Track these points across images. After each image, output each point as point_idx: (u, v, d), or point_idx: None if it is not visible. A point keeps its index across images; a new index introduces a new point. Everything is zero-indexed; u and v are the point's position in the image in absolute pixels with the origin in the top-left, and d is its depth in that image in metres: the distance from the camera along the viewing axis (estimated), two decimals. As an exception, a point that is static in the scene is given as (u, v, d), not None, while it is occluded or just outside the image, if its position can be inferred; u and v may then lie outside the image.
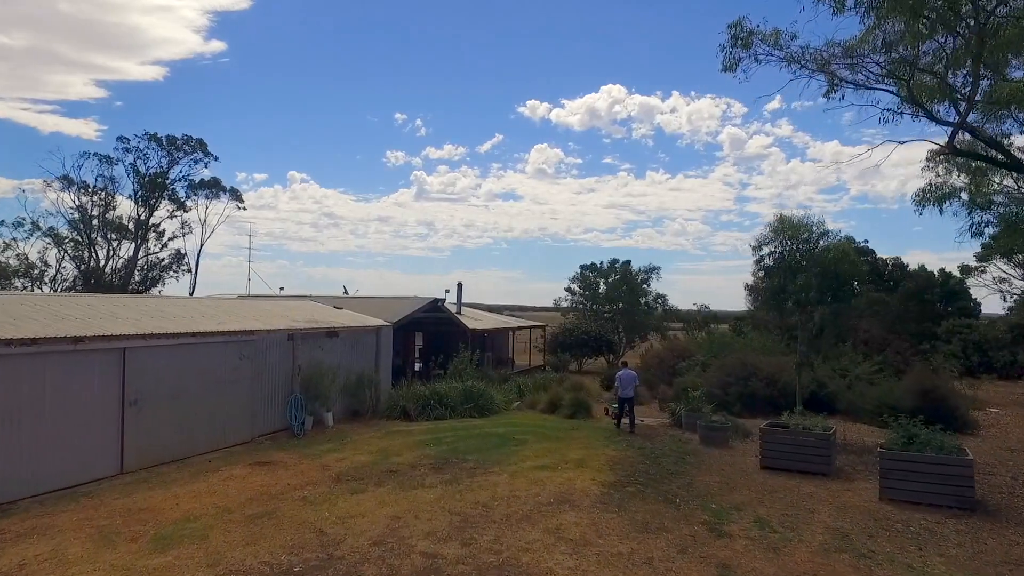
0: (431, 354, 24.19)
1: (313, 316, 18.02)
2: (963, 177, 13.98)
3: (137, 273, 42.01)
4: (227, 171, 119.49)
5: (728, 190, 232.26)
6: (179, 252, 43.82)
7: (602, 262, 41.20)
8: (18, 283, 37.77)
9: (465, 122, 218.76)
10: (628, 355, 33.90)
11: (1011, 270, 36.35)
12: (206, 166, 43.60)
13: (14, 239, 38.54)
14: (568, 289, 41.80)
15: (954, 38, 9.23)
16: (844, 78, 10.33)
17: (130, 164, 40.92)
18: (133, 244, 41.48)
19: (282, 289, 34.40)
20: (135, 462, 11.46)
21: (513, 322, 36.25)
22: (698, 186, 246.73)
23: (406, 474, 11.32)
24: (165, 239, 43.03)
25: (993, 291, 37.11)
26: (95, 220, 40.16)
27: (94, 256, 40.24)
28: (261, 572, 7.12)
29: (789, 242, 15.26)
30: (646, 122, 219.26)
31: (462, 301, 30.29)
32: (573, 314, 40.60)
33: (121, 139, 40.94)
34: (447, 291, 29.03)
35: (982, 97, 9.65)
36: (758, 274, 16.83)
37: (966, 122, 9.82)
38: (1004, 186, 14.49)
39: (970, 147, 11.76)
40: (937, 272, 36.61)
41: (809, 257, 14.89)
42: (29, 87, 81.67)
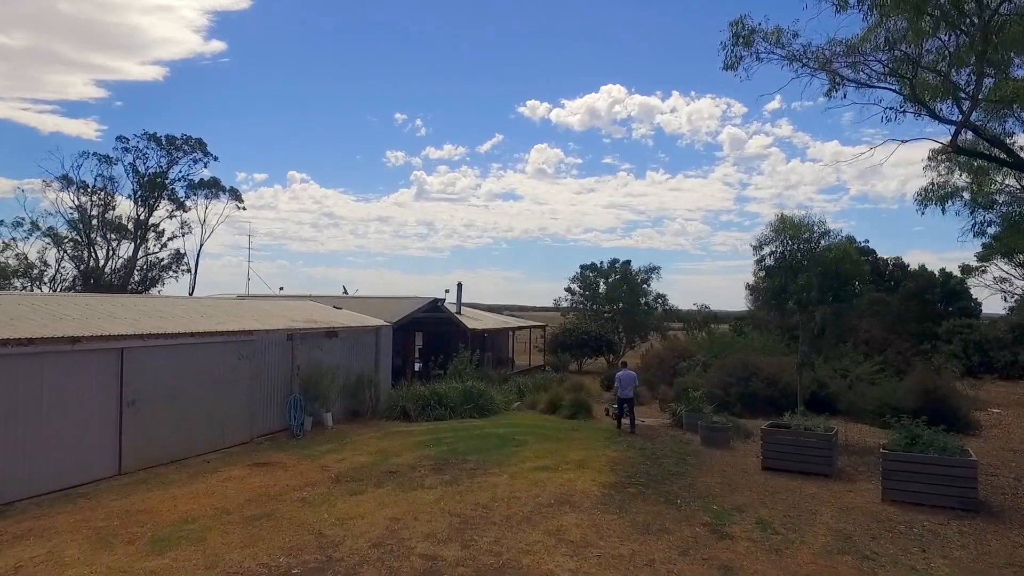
0: (431, 354, 24.13)
1: (312, 316, 17.96)
2: (965, 176, 13.94)
3: (136, 273, 41.98)
4: (227, 171, 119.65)
5: (728, 190, 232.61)
6: (178, 252, 43.89)
7: (602, 262, 41.22)
8: (17, 283, 37.70)
9: (465, 122, 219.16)
10: (628, 355, 33.84)
11: (1012, 270, 36.34)
12: (205, 166, 43.68)
13: (13, 239, 38.58)
14: (568, 289, 41.80)
15: (957, 35, 9.19)
16: (846, 77, 10.29)
17: (129, 164, 40.98)
18: (132, 244, 41.49)
19: (281, 289, 34.37)
20: (133, 463, 11.40)
21: (513, 322, 36.19)
22: (698, 186, 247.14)
23: (406, 475, 11.27)
24: (164, 239, 43.12)
25: (994, 291, 37.10)
26: (94, 220, 40.14)
27: (93, 256, 40.23)
28: (259, 574, 7.06)
29: (790, 242, 15.19)
30: (646, 122, 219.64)
31: (462, 301, 30.24)
32: (573, 314, 40.54)
33: (120, 139, 41.00)
34: (447, 291, 29.04)
35: (985, 95, 9.60)
36: (759, 274, 16.78)
37: (969, 121, 9.78)
38: (1006, 185, 14.45)
39: (972, 146, 11.71)
40: (938, 272, 36.60)
41: (810, 257, 14.82)
42: (29, 87, 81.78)
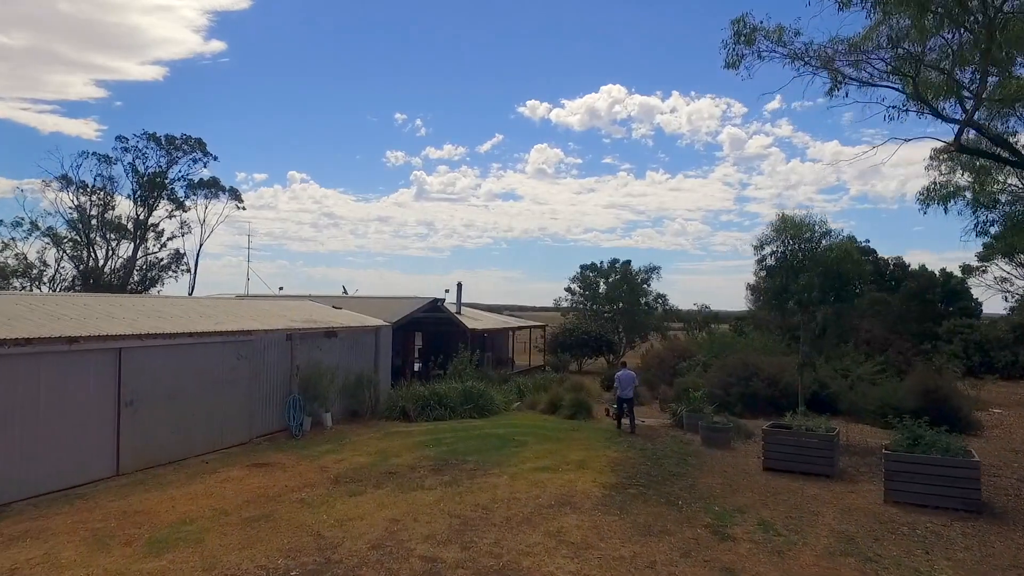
0: (431, 354, 24.07)
1: (312, 316, 17.90)
2: (967, 176, 13.87)
3: (136, 273, 41.90)
4: (227, 171, 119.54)
5: (728, 190, 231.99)
6: (178, 252, 43.77)
7: (602, 262, 41.13)
8: (17, 283, 37.62)
9: (465, 122, 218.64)
10: (628, 355, 33.77)
11: (1012, 270, 36.30)
12: (205, 166, 43.58)
13: (13, 239, 38.46)
14: (568, 289, 41.72)
15: (961, 33, 9.13)
16: (848, 75, 10.22)
17: (129, 164, 40.87)
18: (132, 244, 41.39)
19: (281, 289, 34.32)
20: (131, 463, 11.34)
21: (513, 322, 36.12)
22: (698, 186, 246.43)
23: (405, 476, 11.21)
24: (164, 239, 42.99)
25: (995, 292, 37.06)
26: (94, 220, 40.04)
27: (93, 256, 40.14)
28: (257, 576, 7.00)
29: (791, 241, 15.14)
30: (646, 122, 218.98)
31: (462, 301, 30.18)
32: (573, 314, 40.47)
33: (120, 139, 40.89)
34: (447, 291, 28.98)
35: (989, 94, 9.54)
36: (760, 274, 16.70)
37: (973, 119, 9.72)
38: (1009, 184, 14.41)
39: (975, 145, 11.66)
40: (938, 272, 36.56)
41: (811, 257, 14.77)
42: (29, 87, 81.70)
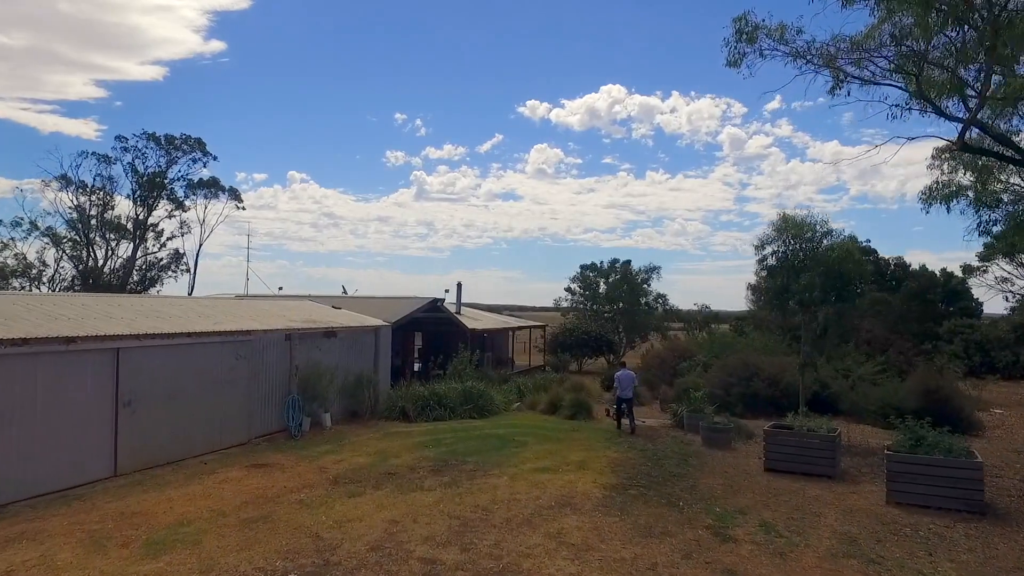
0: (430, 354, 24.01)
1: (311, 316, 17.84)
2: (969, 175, 13.81)
3: (135, 273, 41.83)
4: (227, 171, 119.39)
5: (728, 190, 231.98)
6: (178, 252, 43.71)
7: (602, 262, 41.07)
8: (16, 283, 37.55)
9: (465, 122, 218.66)
10: (628, 355, 33.74)
11: (1013, 270, 36.22)
12: (205, 166, 43.53)
13: (12, 239, 38.38)
14: (568, 289, 41.65)
15: (965, 31, 9.06)
16: (850, 74, 10.16)
17: (128, 164, 40.82)
18: (131, 244, 41.33)
19: (281, 289, 34.26)
20: (129, 464, 11.28)
21: (513, 322, 36.05)
22: (698, 186, 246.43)
23: (404, 476, 11.15)
24: (164, 239, 42.93)
25: (996, 292, 36.98)
26: (93, 220, 39.97)
27: (92, 256, 40.07)
28: (255, 579, 6.94)
29: (792, 241, 15.05)
30: (646, 122, 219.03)
31: (462, 301, 30.12)
32: (573, 314, 40.41)
33: (119, 138, 40.84)
34: (447, 291, 28.91)
35: (992, 93, 9.47)
36: (761, 274, 16.61)
37: (976, 118, 9.66)
38: (1011, 184, 14.33)
39: (978, 144, 11.59)
40: (939, 272, 36.51)
41: (813, 256, 14.69)
42: (29, 87, 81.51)
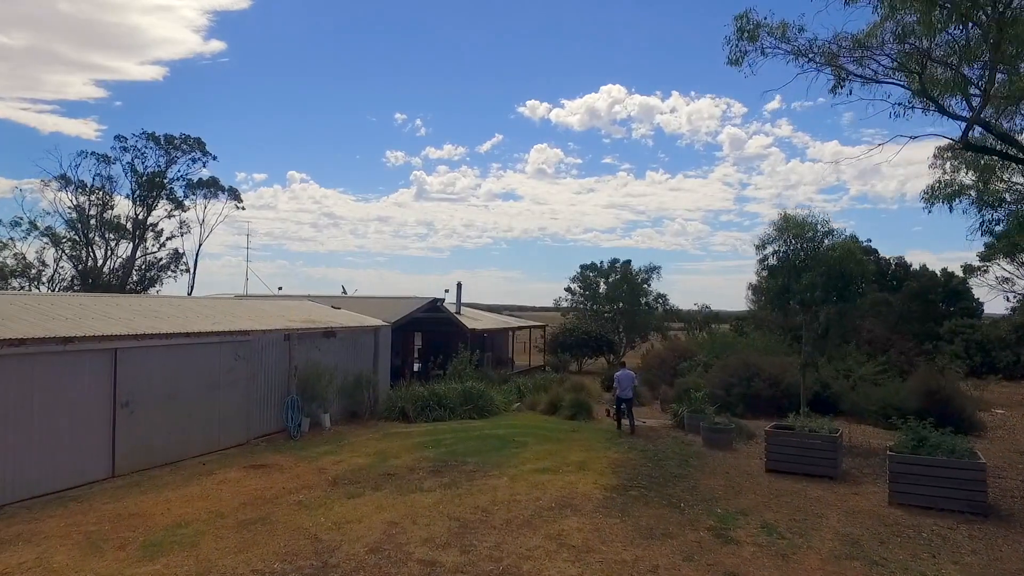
0: (430, 354, 23.96)
1: (310, 316, 17.78)
2: (971, 174, 13.74)
3: (135, 273, 41.74)
4: (227, 171, 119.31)
5: (728, 190, 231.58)
6: (177, 252, 43.60)
7: (602, 262, 40.95)
8: (15, 283, 37.46)
9: (465, 122, 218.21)
10: (629, 355, 33.68)
11: (1014, 270, 36.09)
12: (204, 165, 43.45)
13: (11, 239, 38.25)
14: (568, 289, 41.53)
15: (969, 28, 8.99)
16: (852, 72, 10.09)
17: (128, 163, 40.72)
18: (131, 244, 41.23)
19: (280, 289, 34.22)
20: (127, 465, 11.22)
21: (513, 322, 35.98)
22: (698, 186, 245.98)
23: (404, 477, 11.09)
24: (163, 239, 42.82)
25: (996, 292, 36.81)
26: (93, 220, 39.88)
27: (92, 256, 39.99)
28: (253, 581, 6.88)
29: (793, 241, 14.97)
30: (646, 122, 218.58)
31: (461, 301, 30.06)
32: (573, 314, 40.33)
33: (119, 138, 40.73)
34: (447, 291, 28.85)
35: (996, 91, 9.40)
36: (762, 273, 16.53)
37: (980, 116, 9.60)
38: (1014, 183, 14.27)
39: (980, 143, 11.53)
40: (940, 272, 36.43)
41: (814, 256, 14.62)
42: (29, 87, 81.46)
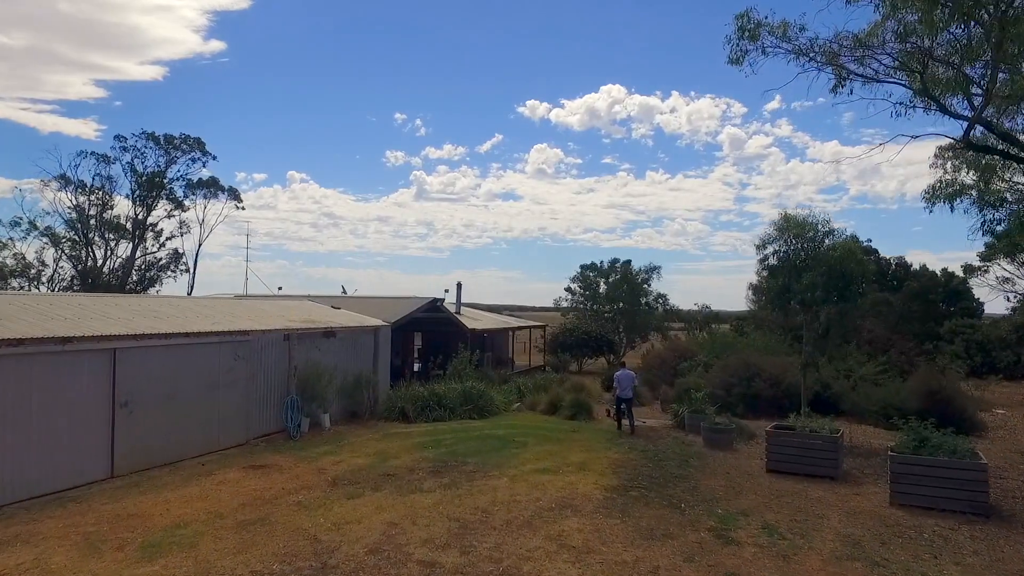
0: (430, 354, 23.93)
1: (310, 316, 17.74)
2: (972, 174, 13.71)
3: (135, 273, 41.71)
4: (227, 171, 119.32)
5: (728, 190, 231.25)
6: (177, 252, 43.56)
7: (602, 262, 40.90)
8: (15, 283, 37.42)
9: (465, 122, 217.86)
10: (629, 355, 33.65)
11: (1015, 270, 36.04)
12: (204, 165, 43.42)
13: (11, 239, 38.21)
14: (568, 289, 41.48)
15: (971, 27, 8.96)
16: (854, 71, 10.07)
17: (127, 163, 40.69)
18: (131, 244, 41.20)
19: (280, 289, 34.19)
20: (126, 465, 11.18)
21: (513, 322, 35.94)
22: (698, 186, 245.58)
23: (404, 478, 11.05)
24: (163, 239, 42.79)
25: (997, 293, 36.76)
26: (92, 220, 39.84)
27: (91, 256, 39.95)
28: (251, 582, 6.85)
29: (794, 241, 14.94)
30: (646, 122, 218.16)
31: (461, 301, 30.03)
32: (573, 314, 40.29)
33: (118, 138, 40.70)
34: (446, 291, 28.79)
35: (998, 90, 9.38)
36: (762, 273, 16.49)
37: (982, 116, 9.57)
38: (1015, 183, 14.23)
39: (982, 142, 11.51)
40: (940, 272, 36.40)
41: (814, 256, 14.59)
42: (29, 87, 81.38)
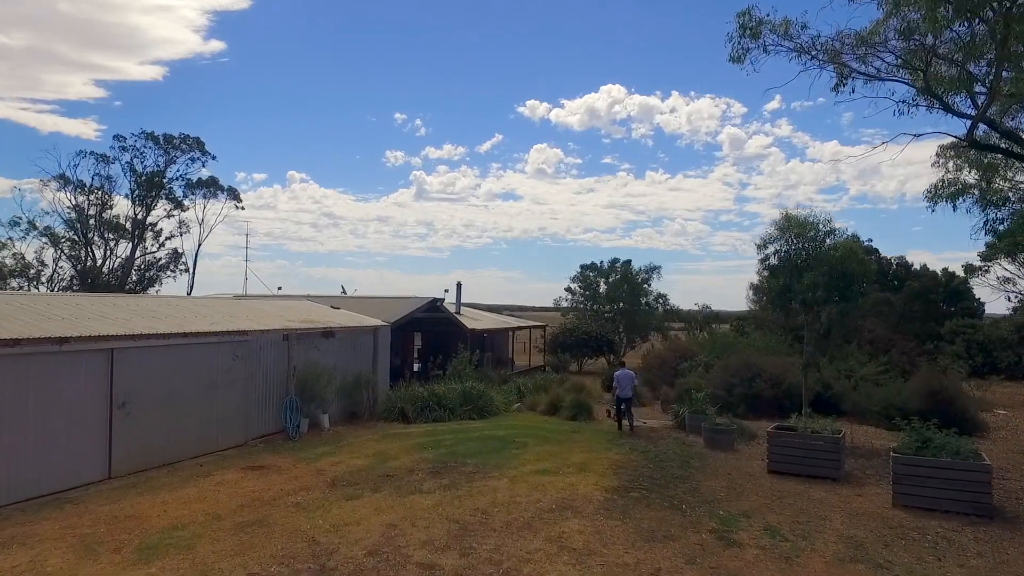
0: (430, 354, 23.87)
1: (309, 316, 17.68)
2: (975, 173, 13.65)
3: (134, 273, 41.66)
4: (226, 171, 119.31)
5: (728, 190, 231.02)
6: (176, 252, 43.51)
7: (602, 262, 40.84)
8: (14, 283, 37.37)
9: (465, 122, 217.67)
10: (629, 355, 33.59)
11: (1016, 270, 36.00)
12: (204, 165, 43.38)
13: (11, 239, 38.17)
14: (568, 289, 41.43)
15: (974, 25, 8.90)
16: (856, 70, 10.01)
17: (127, 163, 40.66)
18: (130, 244, 41.15)
19: (280, 289, 34.13)
20: (123, 467, 11.12)
21: (513, 322, 35.88)
22: (698, 186, 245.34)
23: (403, 479, 10.99)
24: (162, 239, 42.74)
25: (998, 292, 36.72)
26: (92, 219, 39.79)
27: (91, 256, 39.90)
28: (249, 585, 6.79)
29: (795, 240, 14.88)
30: (646, 122, 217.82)
31: (461, 301, 29.98)
32: (573, 314, 40.23)
33: (118, 138, 40.66)
34: (446, 291, 28.74)
35: (1002, 88, 9.32)
36: (763, 273, 16.43)
37: (986, 114, 9.51)
38: (1018, 182, 14.17)
39: (985, 141, 11.45)
40: (941, 272, 36.36)
41: (815, 256, 14.53)
42: (29, 87, 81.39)
